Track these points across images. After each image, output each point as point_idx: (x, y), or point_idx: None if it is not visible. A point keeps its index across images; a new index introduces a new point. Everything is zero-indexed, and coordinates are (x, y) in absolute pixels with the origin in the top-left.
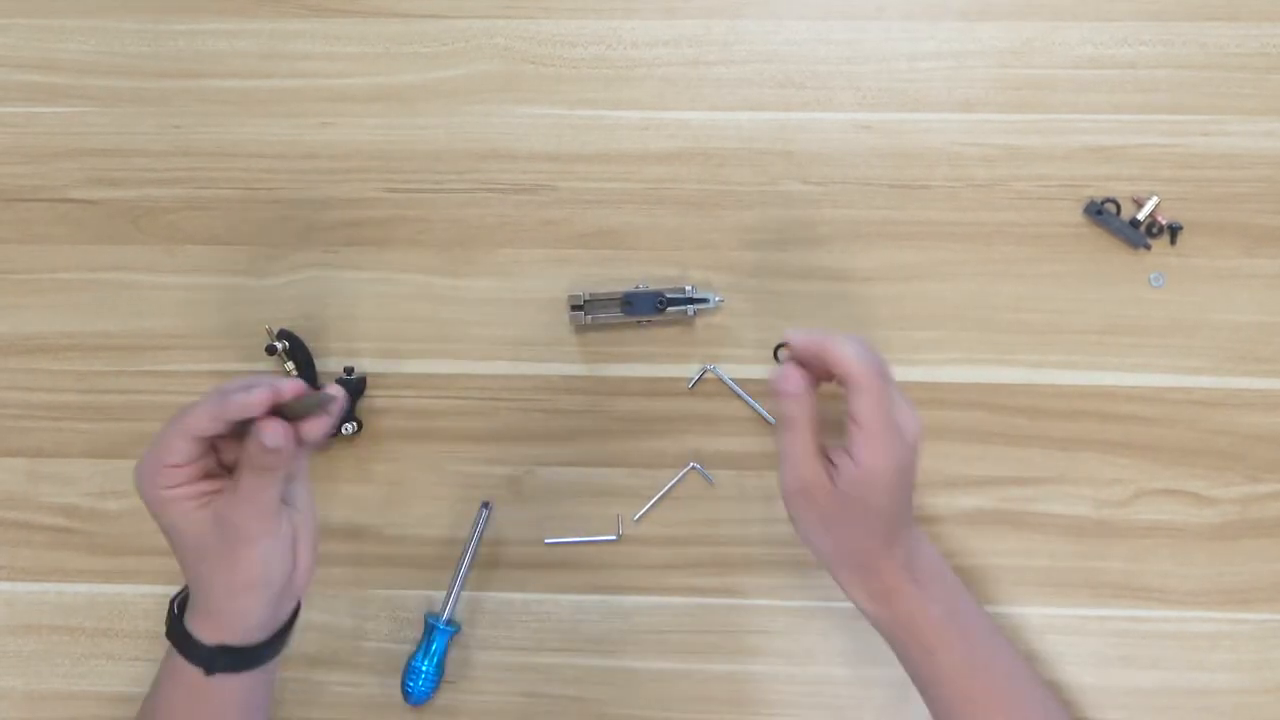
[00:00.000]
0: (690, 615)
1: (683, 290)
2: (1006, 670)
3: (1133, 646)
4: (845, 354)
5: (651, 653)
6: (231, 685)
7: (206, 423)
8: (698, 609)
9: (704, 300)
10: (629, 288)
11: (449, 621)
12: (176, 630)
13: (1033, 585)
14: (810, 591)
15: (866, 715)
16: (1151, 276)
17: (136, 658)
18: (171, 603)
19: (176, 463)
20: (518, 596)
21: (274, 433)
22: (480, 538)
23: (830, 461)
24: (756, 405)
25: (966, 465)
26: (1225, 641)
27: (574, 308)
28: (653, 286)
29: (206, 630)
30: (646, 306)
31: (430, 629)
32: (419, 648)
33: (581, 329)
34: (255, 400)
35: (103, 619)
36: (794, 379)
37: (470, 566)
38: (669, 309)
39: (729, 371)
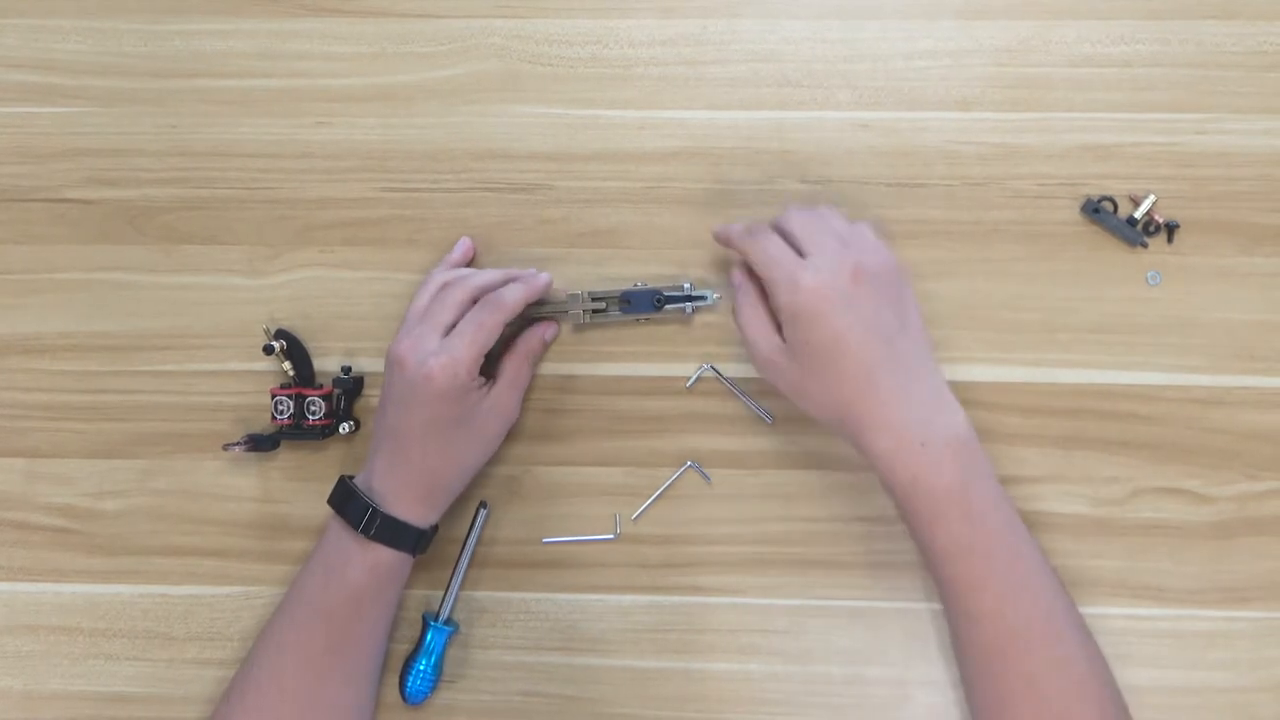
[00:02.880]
0: (688, 614)
1: (681, 288)
2: (1010, 556)
3: (1130, 645)
4: (728, 236)
5: (649, 652)
6: (408, 566)
7: (498, 331)
8: (696, 608)
9: (702, 298)
10: (627, 286)
11: (447, 621)
12: (386, 522)
13: None
14: (809, 591)
15: (866, 715)
16: (1149, 275)
17: (135, 658)
18: (370, 509)
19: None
20: (515, 596)
21: (554, 328)
22: (478, 537)
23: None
24: (754, 404)
25: None
26: (1222, 640)
27: None
28: (650, 285)
29: (414, 515)
30: (644, 305)
31: (428, 628)
32: (417, 647)
33: (579, 328)
34: (531, 295)
35: (101, 619)
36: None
37: (468, 566)
38: (667, 307)
39: (727, 370)
